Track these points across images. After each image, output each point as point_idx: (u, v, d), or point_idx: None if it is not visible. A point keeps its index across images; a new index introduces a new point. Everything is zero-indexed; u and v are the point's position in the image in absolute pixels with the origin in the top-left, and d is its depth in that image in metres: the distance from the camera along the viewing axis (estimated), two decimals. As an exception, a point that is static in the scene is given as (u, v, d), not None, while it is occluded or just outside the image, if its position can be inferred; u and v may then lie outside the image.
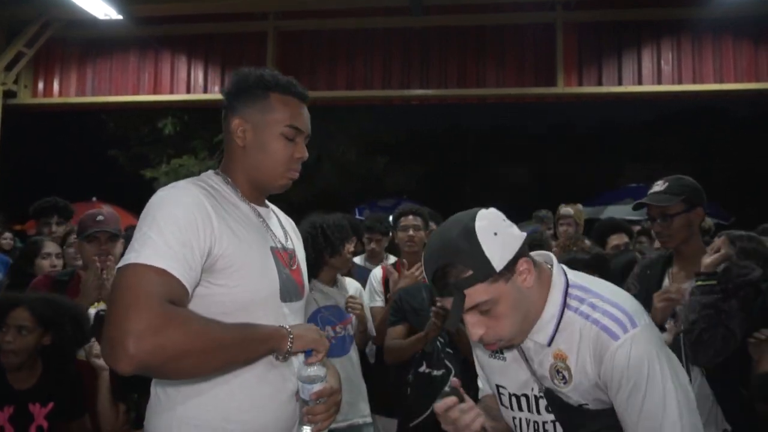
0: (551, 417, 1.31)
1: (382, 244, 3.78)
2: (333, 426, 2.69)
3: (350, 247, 2.71)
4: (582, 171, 17.17)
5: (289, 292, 1.39)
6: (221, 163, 1.47)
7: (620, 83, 5.92)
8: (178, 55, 6.47)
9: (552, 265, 1.33)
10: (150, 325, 1.07)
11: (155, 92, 6.49)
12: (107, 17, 5.71)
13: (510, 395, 1.37)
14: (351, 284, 2.93)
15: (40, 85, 6.65)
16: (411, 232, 3.27)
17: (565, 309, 1.27)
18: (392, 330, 2.76)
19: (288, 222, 1.60)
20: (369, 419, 2.75)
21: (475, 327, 1.24)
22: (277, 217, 1.54)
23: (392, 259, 3.90)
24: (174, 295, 1.14)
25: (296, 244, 1.55)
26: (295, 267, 1.46)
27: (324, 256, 2.68)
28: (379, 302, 3.15)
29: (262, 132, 1.37)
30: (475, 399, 1.44)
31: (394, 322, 2.77)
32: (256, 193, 1.45)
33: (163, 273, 1.13)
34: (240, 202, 1.39)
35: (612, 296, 1.27)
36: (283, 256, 1.42)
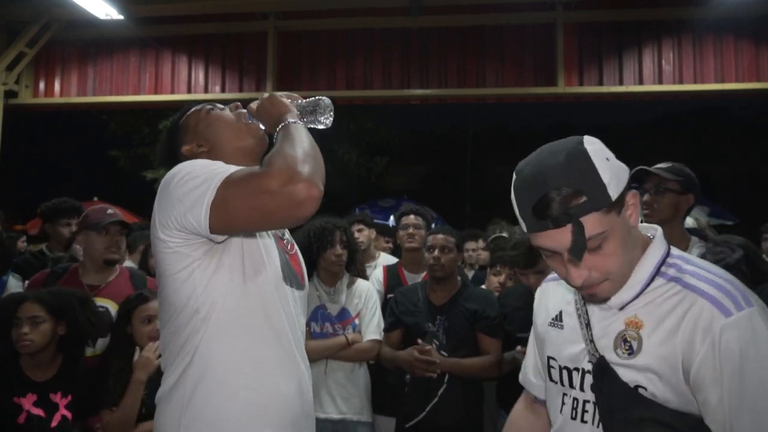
0: (593, 396, 1.13)
1: (367, 236, 3.88)
2: (325, 416, 2.70)
3: (335, 250, 2.75)
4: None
5: (288, 277, 1.39)
6: None
7: (621, 83, 5.91)
8: (179, 55, 6.48)
9: (654, 236, 1.16)
10: (287, 172, 1.17)
11: (156, 92, 6.49)
12: (108, 17, 5.71)
13: (561, 368, 1.21)
14: (361, 285, 2.92)
15: (41, 85, 6.65)
16: (411, 230, 3.41)
17: (657, 276, 1.09)
18: (386, 336, 2.79)
19: None
20: (364, 418, 2.75)
21: (577, 270, 1.05)
22: None
23: (384, 256, 4.02)
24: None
25: (289, 235, 1.58)
26: (293, 252, 1.49)
27: (310, 259, 2.71)
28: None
29: (203, 131, 1.44)
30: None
31: (389, 327, 2.80)
32: None
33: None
34: None
35: (718, 270, 1.07)
36: (282, 242, 1.46)
